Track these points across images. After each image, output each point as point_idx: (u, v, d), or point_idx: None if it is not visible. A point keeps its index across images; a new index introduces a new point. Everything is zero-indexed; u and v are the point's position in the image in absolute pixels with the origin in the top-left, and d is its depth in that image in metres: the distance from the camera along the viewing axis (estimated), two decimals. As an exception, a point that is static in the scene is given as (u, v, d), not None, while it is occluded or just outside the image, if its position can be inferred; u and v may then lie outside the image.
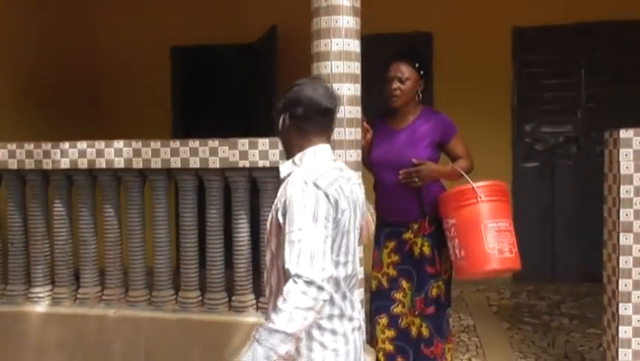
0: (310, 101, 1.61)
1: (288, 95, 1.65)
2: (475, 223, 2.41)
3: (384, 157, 2.69)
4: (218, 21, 5.37)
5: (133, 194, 3.16)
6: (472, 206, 2.42)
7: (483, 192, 2.42)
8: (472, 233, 2.40)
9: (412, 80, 2.64)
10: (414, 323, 2.66)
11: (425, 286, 2.64)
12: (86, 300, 3.22)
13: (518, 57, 5.14)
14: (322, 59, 2.71)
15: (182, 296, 3.12)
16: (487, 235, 2.38)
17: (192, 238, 3.11)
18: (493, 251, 2.37)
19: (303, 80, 1.69)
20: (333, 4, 2.66)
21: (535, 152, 5.18)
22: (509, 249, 2.40)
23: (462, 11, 5.01)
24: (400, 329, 2.65)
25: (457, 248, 2.45)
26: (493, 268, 2.43)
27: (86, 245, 3.24)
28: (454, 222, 2.47)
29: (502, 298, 4.65)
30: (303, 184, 1.50)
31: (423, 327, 2.65)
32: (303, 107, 1.61)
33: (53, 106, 4.94)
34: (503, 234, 2.40)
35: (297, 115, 1.62)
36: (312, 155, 1.62)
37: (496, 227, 2.39)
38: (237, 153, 2.94)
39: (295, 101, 1.63)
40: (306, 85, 1.65)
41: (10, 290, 3.29)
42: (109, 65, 5.61)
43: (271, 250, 1.60)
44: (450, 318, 2.76)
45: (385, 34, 4.77)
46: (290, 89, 1.67)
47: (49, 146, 3.15)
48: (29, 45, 4.62)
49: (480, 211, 2.42)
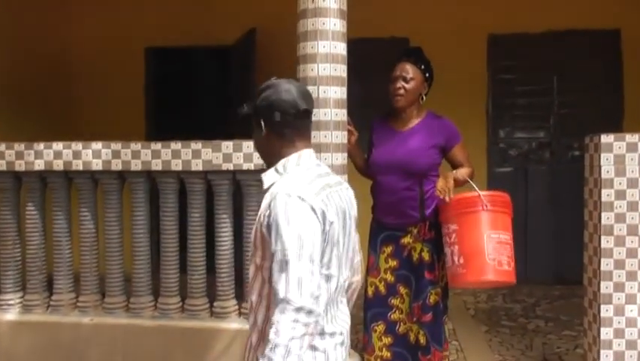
0: (286, 105, 1.50)
1: (261, 101, 1.53)
2: (477, 232, 2.39)
3: (388, 160, 2.63)
4: (194, 23, 5.29)
5: (111, 197, 3.07)
6: (476, 214, 2.41)
7: (489, 202, 2.41)
8: (473, 241, 2.39)
9: (417, 81, 2.61)
10: (412, 330, 2.63)
11: (423, 293, 2.60)
12: (59, 307, 3.11)
13: (493, 64, 5.23)
14: (309, 61, 2.69)
15: (161, 302, 3.04)
16: (488, 245, 2.36)
17: (173, 242, 3.04)
18: (493, 262, 2.36)
19: (272, 81, 1.56)
20: (320, 6, 2.64)
21: (510, 157, 5.28)
22: (507, 262, 2.39)
23: (438, 17, 5.08)
24: (398, 335, 2.61)
25: (456, 255, 2.42)
26: (490, 280, 2.42)
27: (60, 250, 3.13)
28: (455, 228, 2.44)
29: (479, 302, 4.70)
30: (287, 198, 1.39)
31: (420, 335, 2.62)
32: (280, 112, 1.50)
33: (25, 107, 4.77)
34: (503, 246, 2.39)
35: (275, 121, 1.50)
36: (295, 161, 1.52)
37: (497, 238, 2.38)
38: (221, 156, 2.88)
39: (270, 107, 1.51)
40: (277, 87, 1.53)
41: (-22, 298, 3.15)
42: (83, 65, 5.46)
43: (255, 263, 1.50)
44: (446, 325, 2.73)
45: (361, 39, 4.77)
46: (260, 92, 1.54)
47: (23, 147, 3.03)
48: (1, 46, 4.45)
49: (484, 220, 2.40)
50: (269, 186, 1.51)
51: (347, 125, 2.77)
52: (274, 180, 1.51)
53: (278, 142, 1.53)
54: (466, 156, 2.70)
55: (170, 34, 5.30)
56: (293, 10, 2.80)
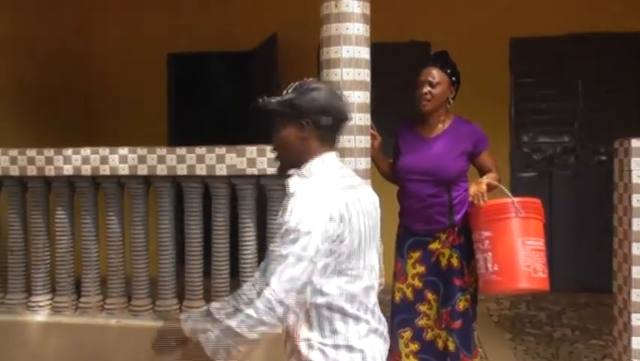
0: (340, 112, 1.52)
1: (309, 101, 1.49)
2: (511, 239, 2.36)
3: (415, 166, 2.61)
4: (215, 29, 5.35)
5: (137, 201, 3.11)
6: (509, 220, 2.38)
7: (522, 208, 2.38)
8: (507, 248, 2.36)
9: (443, 86, 2.59)
10: (440, 336, 2.60)
11: (452, 299, 2.57)
12: (87, 309, 3.16)
13: (515, 67, 5.19)
14: (332, 66, 2.70)
15: (186, 306, 3.07)
16: (523, 252, 2.34)
17: (197, 246, 3.07)
18: (528, 269, 2.33)
19: (318, 84, 1.54)
20: (344, 11, 2.66)
21: (533, 162, 5.22)
22: (542, 269, 2.37)
23: (459, 21, 5.05)
24: (425, 342, 2.58)
25: (490, 262, 2.39)
26: (525, 287, 2.39)
27: (87, 253, 3.18)
28: (488, 234, 2.41)
29: (502, 309, 4.64)
30: (306, 196, 1.40)
31: (449, 341, 2.58)
32: (331, 116, 1.49)
33: (50, 112, 4.87)
34: (538, 253, 2.36)
35: (322, 124, 1.49)
36: (320, 165, 1.51)
37: (532, 245, 2.36)
38: (245, 161, 2.91)
39: (323, 110, 1.49)
40: (329, 92, 1.53)
41: (9, 299, 3.21)
42: (106, 71, 5.56)
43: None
44: (475, 331, 2.69)
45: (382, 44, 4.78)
46: (306, 90, 1.50)
47: (52, 152, 3.10)
48: (23, 51, 4.56)
49: (518, 227, 2.38)
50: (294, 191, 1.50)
51: (370, 129, 2.77)
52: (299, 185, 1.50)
53: (315, 145, 1.51)
54: (493, 161, 2.68)
55: (192, 40, 5.37)
56: (314, 15, 2.82)
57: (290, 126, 1.52)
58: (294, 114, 1.50)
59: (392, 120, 2.89)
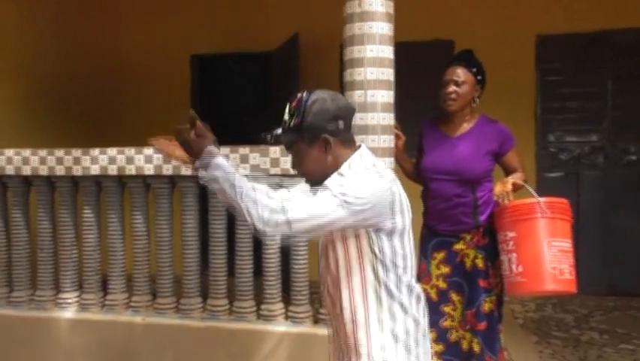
0: (344, 110, 1.53)
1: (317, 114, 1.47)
2: (537, 239, 2.32)
3: (439, 166, 2.58)
4: (237, 29, 5.39)
5: (162, 201, 3.15)
6: (535, 221, 2.33)
7: (549, 208, 2.33)
8: (533, 249, 2.31)
9: (469, 85, 2.56)
10: (465, 338, 2.57)
11: (477, 300, 2.54)
12: (113, 307, 3.21)
13: (542, 66, 5.09)
14: (355, 65, 2.69)
15: (210, 304, 3.10)
16: (548, 253, 2.29)
17: (221, 244, 3.09)
18: (554, 271, 2.28)
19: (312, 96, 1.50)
20: (367, 10, 2.64)
21: (560, 161, 5.12)
22: (569, 271, 2.31)
23: (484, 19, 4.99)
24: (450, 343, 2.56)
25: (514, 263, 2.35)
26: (551, 289, 2.35)
27: (114, 252, 3.23)
28: (513, 235, 2.37)
29: (527, 311, 4.57)
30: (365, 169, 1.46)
31: (474, 343, 2.55)
32: (342, 119, 1.51)
33: (76, 113, 4.97)
34: (564, 254, 2.31)
35: (340, 130, 1.50)
36: (358, 158, 1.52)
37: (559, 246, 2.31)
38: (268, 160, 2.92)
39: (333, 116, 1.49)
40: (326, 97, 1.50)
41: (39, 296, 3.29)
42: (131, 73, 5.64)
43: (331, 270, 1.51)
44: (501, 333, 2.64)
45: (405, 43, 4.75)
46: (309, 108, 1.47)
47: (80, 152, 3.15)
48: (52, 53, 4.66)
49: (544, 227, 2.33)
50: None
51: (394, 129, 2.76)
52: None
53: (343, 150, 1.53)
54: (520, 161, 2.63)
55: (215, 41, 5.43)
56: (336, 15, 2.82)
57: (313, 147, 1.51)
58: (311, 135, 1.49)
59: (416, 120, 2.87)
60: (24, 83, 4.41)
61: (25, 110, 4.38)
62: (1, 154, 3.24)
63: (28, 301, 3.31)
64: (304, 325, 2.96)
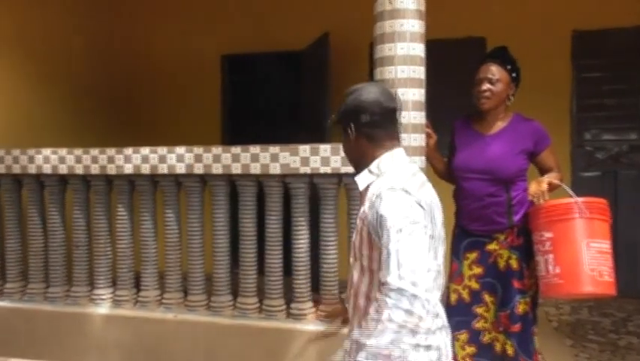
0: (371, 105, 1.53)
1: (347, 105, 1.56)
2: (575, 240, 2.25)
3: (472, 165, 2.54)
4: (267, 29, 5.41)
5: (193, 199, 3.19)
6: (573, 221, 2.27)
7: (587, 208, 2.27)
8: (571, 250, 2.25)
9: (503, 83, 2.50)
10: (498, 339, 2.53)
11: (511, 302, 2.49)
12: (146, 303, 3.26)
13: (578, 62, 4.96)
14: (386, 63, 2.67)
15: (240, 302, 3.12)
16: (587, 254, 2.23)
17: (251, 243, 3.11)
18: (593, 273, 2.21)
19: (356, 86, 1.59)
20: (398, 7, 2.62)
21: (597, 160, 4.98)
22: (608, 273, 2.24)
23: (517, 14, 4.88)
24: (482, 344, 2.52)
25: (551, 264, 2.29)
26: (589, 292, 2.27)
27: (146, 249, 3.29)
28: (550, 236, 2.31)
29: (562, 314, 4.46)
30: (392, 192, 1.41)
31: (507, 345, 2.50)
32: (368, 112, 1.52)
33: (111, 113, 5.08)
34: (604, 256, 2.24)
35: (364, 123, 1.53)
36: (389, 160, 1.53)
37: (598, 248, 2.24)
38: (298, 159, 2.92)
39: (357, 109, 1.53)
40: (362, 90, 1.56)
41: (74, 292, 3.37)
42: (163, 74, 5.73)
43: (362, 265, 1.50)
44: (535, 336, 2.58)
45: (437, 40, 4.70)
46: (345, 98, 1.57)
47: (114, 151, 3.22)
48: (87, 56, 4.78)
49: (582, 228, 2.26)
50: (364, 188, 1.54)
51: (425, 127, 2.72)
52: (369, 182, 1.53)
53: (368, 144, 1.55)
54: (555, 160, 2.56)
55: (245, 41, 5.46)
56: (366, 13, 2.80)
57: (344, 134, 1.60)
58: (342, 122, 1.58)
59: (448, 118, 2.82)
60: (64, 85, 4.53)
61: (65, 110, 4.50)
62: (39, 153, 3.32)
63: (64, 297, 3.40)
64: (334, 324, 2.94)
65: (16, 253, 3.50)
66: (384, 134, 1.55)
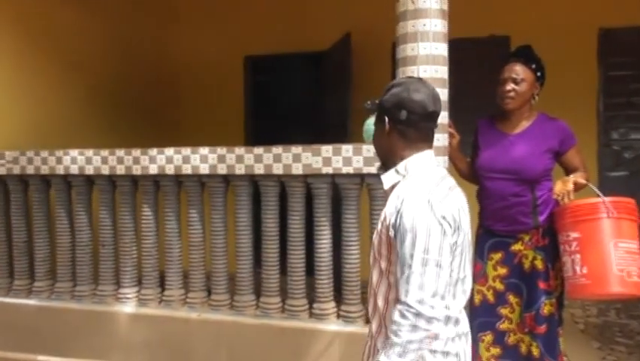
0: (415, 105, 1.48)
1: (388, 97, 1.52)
2: (602, 240, 2.22)
3: (496, 164, 2.51)
4: (289, 30, 5.44)
5: (217, 200, 3.22)
6: (600, 221, 2.24)
7: (615, 208, 2.24)
8: (598, 250, 2.22)
9: (528, 82, 2.48)
10: (523, 341, 2.51)
11: (536, 303, 2.46)
12: (170, 302, 3.30)
13: (605, 60, 4.87)
14: (408, 63, 2.66)
15: (263, 302, 3.14)
16: (615, 254, 2.19)
17: (274, 243, 3.13)
18: (621, 273, 2.18)
19: (403, 79, 1.56)
20: (421, 7, 2.60)
21: (624, 160, 4.89)
22: (637, 273, 2.20)
23: (542, 12, 4.81)
24: (507, 346, 2.50)
25: (578, 265, 2.27)
26: (617, 292, 2.23)
27: (170, 249, 3.33)
28: (577, 236, 2.28)
29: (589, 316, 4.38)
30: (415, 202, 1.39)
31: (533, 346, 2.48)
32: (407, 110, 1.48)
33: (137, 114, 5.15)
34: (632, 256, 2.21)
35: (400, 120, 1.49)
36: (417, 163, 1.50)
37: (626, 248, 2.20)
38: (320, 160, 2.93)
39: (399, 105, 1.49)
40: (407, 85, 1.51)
41: (100, 290, 3.43)
42: (186, 74, 5.81)
43: (380, 267, 1.50)
44: (561, 337, 2.55)
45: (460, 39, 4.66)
46: (388, 89, 1.53)
47: (139, 152, 3.26)
48: (112, 57, 4.85)
49: (610, 228, 2.23)
50: (390, 188, 1.52)
51: (448, 127, 2.70)
52: (394, 181, 1.51)
53: (399, 141, 1.52)
54: (581, 160, 2.52)
55: (268, 42, 5.49)
56: (388, 13, 2.79)
57: (378, 124, 1.58)
58: (379, 113, 1.56)
59: (471, 118, 2.80)
60: (89, 87, 4.60)
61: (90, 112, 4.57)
62: (66, 154, 3.39)
63: (91, 295, 3.46)
64: (356, 324, 2.95)
65: (44, 251, 3.57)
66: (418, 136, 1.52)
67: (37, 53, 4.06)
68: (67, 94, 4.37)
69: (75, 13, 4.41)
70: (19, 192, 3.58)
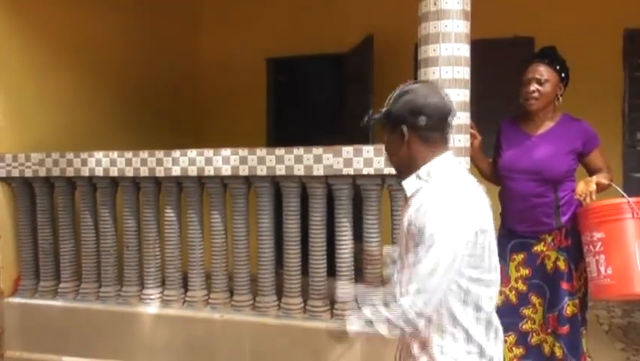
0: (432, 109, 1.47)
1: (402, 106, 1.49)
2: (627, 241, 2.21)
3: (519, 165, 2.50)
4: (311, 32, 5.45)
5: (239, 201, 3.24)
6: (625, 221, 2.23)
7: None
8: (623, 251, 2.21)
9: (552, 83, 2.46)
10: (546, 341, 2.49)
11: (559, 304, 2.45)
12: (193, 303, 3.34)
13: (630, 61, 4.79)
14: (430, 64, 2.65)
15: (285, 303, 3.15)
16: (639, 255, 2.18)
17: (295, 244, 3.14)
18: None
19: (409, 86, 1.53)
20: (443, 8, 2.59)
21: (650, 161, 4.80)
22: None
23: (567, 13, 4.75)
24: (530, 346, 2.48)
25: (603, 265, 2.25)
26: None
27: (193, 250, 3.36)
28: (601, 236, 2.27)
29: (613, 317, 4.31)
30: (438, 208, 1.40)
31: (556, 347, 2.47)
32: (426, 115, 1.47)
33: (160, 116, 5.21)
34: None
35: (420, 125, 1.48)
36: (440, 167, 1.49)
37: None
38: (342, 161, 2.94)
39: (414, 111, 1.47)
40: (419, 91, 1.50)
41: (125, 291, 3.48)
42: (208, 76, 5.87)
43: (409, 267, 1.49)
44: (584, 338, 2.53)
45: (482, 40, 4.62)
46: (398, 98, 1.51)
47: (162, 154, 3.31)
48: (136, 59, 4.91)
49: (635, 228, 2.22)
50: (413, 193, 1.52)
51: (470, 128, 2.69)
52: (417, 187, 1.51)
53: (421, 147, 1.51)
54: (605, 160, 2.50)
55: (290, 44, 5.52)
56: (410, 15, 2.78)
57: (393, 135, 1.55)
58: (393, 123, 1.53)
59: (493, 119, 2.78)
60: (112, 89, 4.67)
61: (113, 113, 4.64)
62: (91, 156, 3.45)
63: (116, 296, 3.51)
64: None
65: (69, 253, 3.63)
66: (439, 138, 1.51)
67: (62, 57, 4.14)
68: (92, 98, 4.44)
69: (100, 19, 4.49)
70: (44, 193, 3.65)
